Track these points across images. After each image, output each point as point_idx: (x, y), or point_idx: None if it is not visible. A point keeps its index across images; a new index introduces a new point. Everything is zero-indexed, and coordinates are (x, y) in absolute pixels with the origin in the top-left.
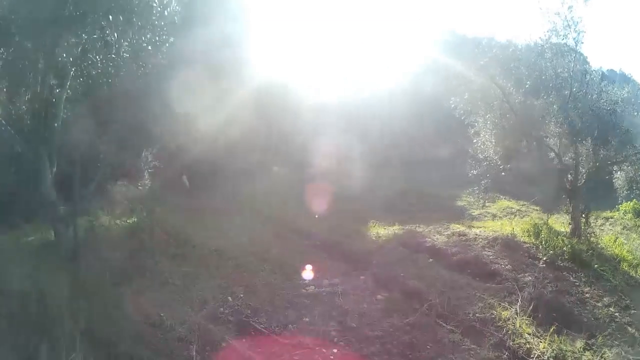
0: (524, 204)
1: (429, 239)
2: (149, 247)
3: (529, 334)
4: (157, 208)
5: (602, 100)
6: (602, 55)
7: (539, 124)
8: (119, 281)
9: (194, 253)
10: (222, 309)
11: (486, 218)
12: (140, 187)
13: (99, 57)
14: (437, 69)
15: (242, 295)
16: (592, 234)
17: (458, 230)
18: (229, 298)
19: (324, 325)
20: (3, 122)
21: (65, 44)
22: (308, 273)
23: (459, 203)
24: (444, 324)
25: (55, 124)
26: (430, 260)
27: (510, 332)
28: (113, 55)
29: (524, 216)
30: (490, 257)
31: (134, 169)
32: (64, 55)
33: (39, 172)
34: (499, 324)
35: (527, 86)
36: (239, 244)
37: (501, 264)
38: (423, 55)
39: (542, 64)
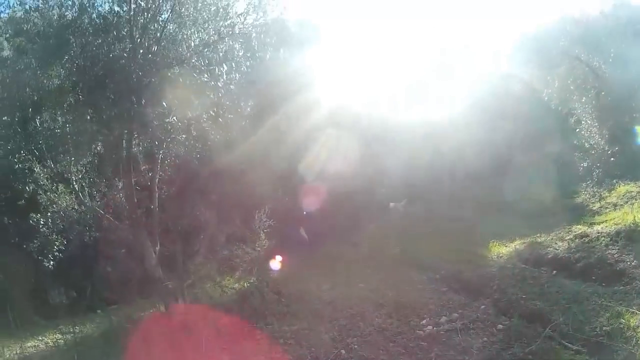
0: None
1: (551, 249)
2: (259, 309)
3: None
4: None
5: None
6: None
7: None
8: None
9: (306, 308)
10: None
11: (607, 210)
12: (258, 249)
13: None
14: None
15: (355, 347)
16: None
17: (580, 231)
18: (342, 351)
19: None
20: (101, 212)
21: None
22: (425, 312)
23: (577, 200)
24: (569, 345)
25: (152, 206)
26: (554, 272)
27: None
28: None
29: None
30: (615, 256)
31: (248, 231)
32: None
33: (143, 252)
34: (628, 334)
35: (611, 57)
36: (355, 292)
37: (627, 262)
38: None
39: (619, 30)
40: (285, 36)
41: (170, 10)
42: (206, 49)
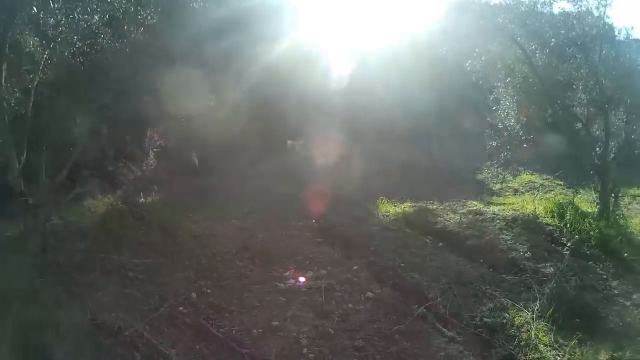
0: (548, 179)
1: (441, 219)
2: (115, 236)
3: (546, 346)
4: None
5: (638, 64)
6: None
7: (565, 90)
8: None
9: (169, 241)
10: (181, 307)
11: (507, 193)
12: (144, 168)
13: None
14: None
15: (208, 291)
16: (621, 216)
17: (475, 208)
18: (193, 294)
19: (295, 330)
20: None
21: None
22: (291, 263)
23: (479, 177)
24: (443, 330)
25: (23, 110)
26: (440, 244)
27: (523, 343)
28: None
29: (547, 192)
30: (508, 242)
31: (137, 149)
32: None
33: (7, 161)
34: (510, 332)
35: (551, 45)
36: (225, 229)
37: (520, 251)
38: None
39: (568, 23)
40: None
41: None
42: None
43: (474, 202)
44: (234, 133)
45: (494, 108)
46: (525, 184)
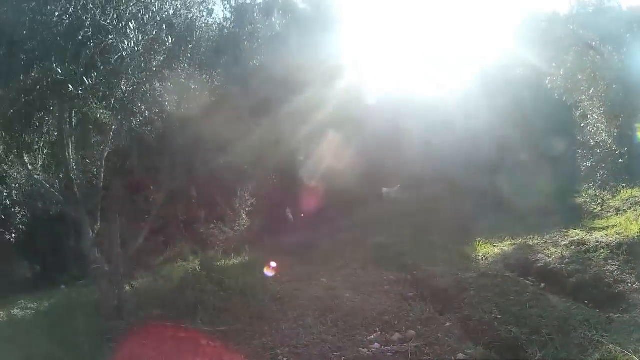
0: None
1: (542, 255)
2: (193, 303)
3: None
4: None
5: None
6: None
7: None
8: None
9: (249, 305)
10: None
11: (609, 214)
12: (237, 228)
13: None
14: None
15: (284, 359)
16: None
17: (577, 238)
18: None
19: None
20: (43, 182)
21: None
22: (378, 324)
23: (578, 201)
24: None
25: (95, 181)
26: (542, 285)
27: None
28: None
29: None
30: (615, 274)
31: (229, 209)
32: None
33: (80, 230)
34: None
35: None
36: (312, 288)
37: (628, 283)
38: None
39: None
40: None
41: None
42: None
43: (576, 231)
44: (327, 184)
45: (582, 125)
46: (627, 200)
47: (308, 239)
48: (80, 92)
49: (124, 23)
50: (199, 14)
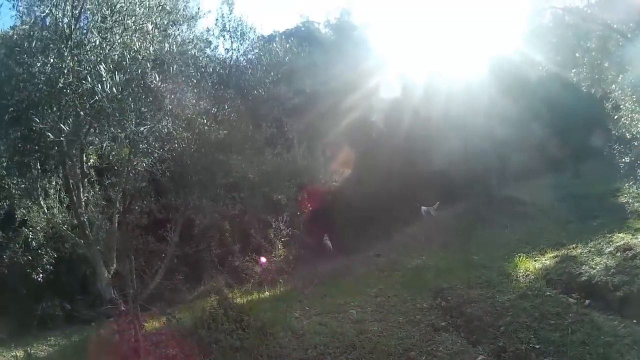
0: None
1: (586, 267)
2: (207, 342)
3: None
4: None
5: None
6: None
7: None
8: None
9: (269, 344)
10: None
11: None
12: (274, 259)
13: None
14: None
15: None
16: None
17: (622, 243)
18: None
19: None
20: (61, 224)
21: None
22: None
23: (621, 199)
24: None
25: (109, 222)
26: (586, 303)
27: None
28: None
29: None
30: None
31: (264, 240)
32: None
33: (95, 270)
34: None
35: None
36: (337, 323)
37: None
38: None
39: None
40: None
41: None
42: None
43: (620, 235)
44: (365, 207)
45: (615, 117)
46: None
47: (345, 266)
48: (62, 138)
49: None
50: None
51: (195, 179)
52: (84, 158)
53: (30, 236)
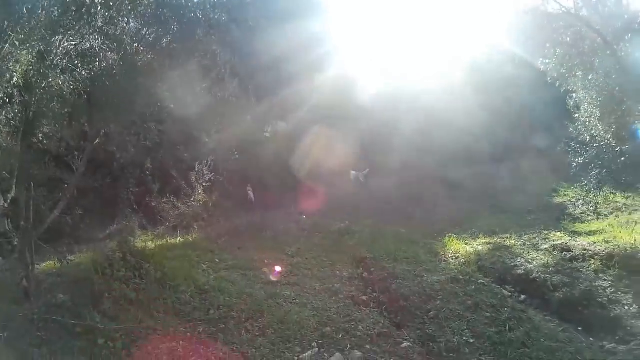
0: (630, 197)
1: (521, 260)
2: (99, 289)
3: None
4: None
5: None
6: None
7: None
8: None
9: (169, 297)
10: None
11: (590, 217)
12: (193, 203)
13: None
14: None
15: None
16: None
17: (560, 242)
18: None
19: None
20: None
21: None
22: (316, 337)
23: (557, 200)
24: None
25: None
26: (522, 298)
27: None
28: None
29: (631, 212)
30: (608, 292)
31: (184, 184)
32: None
33: None
34: None
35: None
36: (250, 280)
37: (624, 304)
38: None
39: None
40: None
41: None
42: None
43: (558, 234)
44: (294, 164)
45: (575, 116)
46: (608, 204)
47: (266, 221)
48: None
49: None
50: None
51: (111, 103)
52: None
53: None
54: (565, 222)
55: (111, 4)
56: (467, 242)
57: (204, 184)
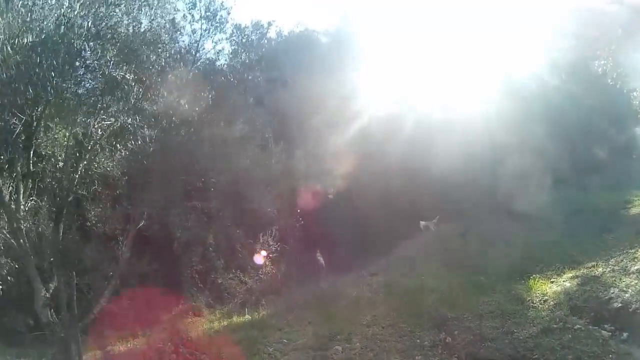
0: None
1: (615, 290)
2: None
3: None
4: None
5: None
6: None
7: None
8: None
9: None
10: None
11: None
12: (261, 276)
13: None
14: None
15: None
16: None
17: None
18: None
19: None
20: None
21: None
22: None
23: (633, 211)
24: None
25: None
26: (624, 336)
27: None
28: None
29: None
30: None
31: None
32: None
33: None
34: None
35: None
36: None
37: None
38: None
39: None
40: None
41: None
42: None
43: None
44: (361, 223)
45: None
46: None
47: (337, 286)
48: None
49: None
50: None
51: (149, 183)
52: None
53: None
54: None
55: (144, 78)
56: (552, 280)
57: (270, 255)
